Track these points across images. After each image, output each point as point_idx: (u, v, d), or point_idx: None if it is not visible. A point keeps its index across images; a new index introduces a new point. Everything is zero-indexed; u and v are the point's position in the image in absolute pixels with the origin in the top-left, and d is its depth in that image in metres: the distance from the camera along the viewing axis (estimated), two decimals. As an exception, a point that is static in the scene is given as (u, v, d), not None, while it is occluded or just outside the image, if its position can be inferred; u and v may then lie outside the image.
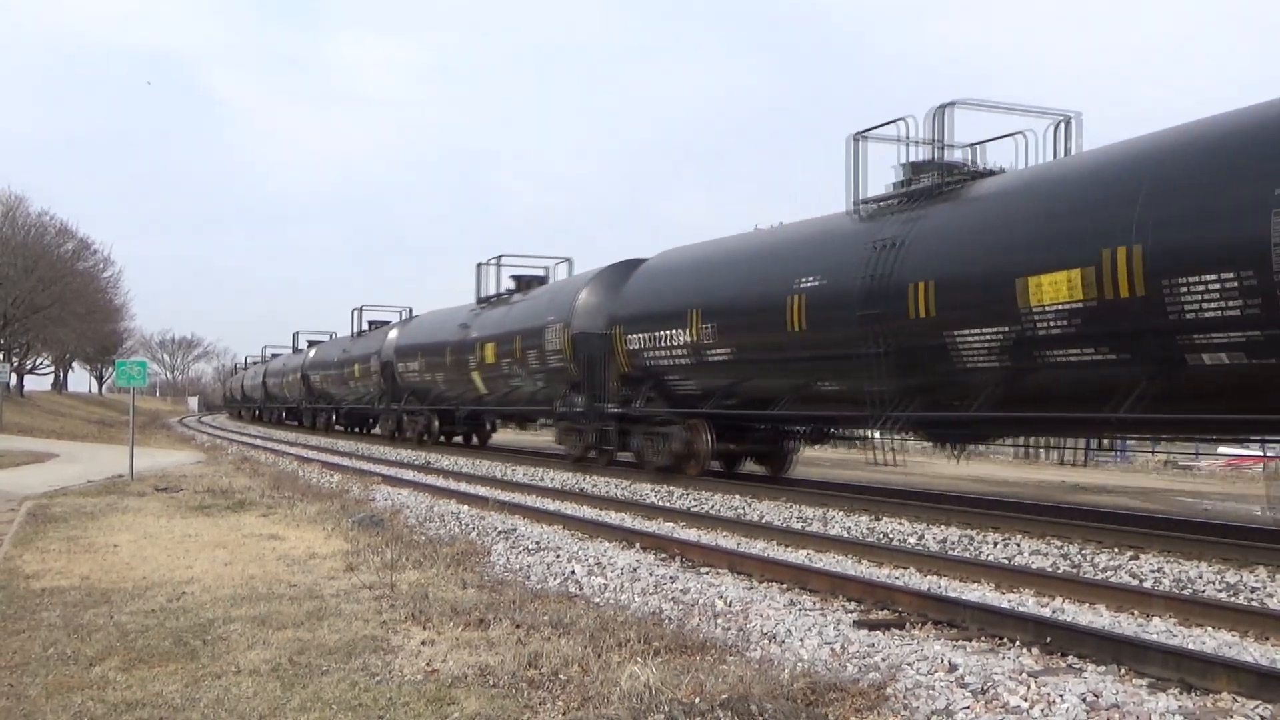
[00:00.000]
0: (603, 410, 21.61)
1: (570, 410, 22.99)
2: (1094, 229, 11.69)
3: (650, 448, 20.37)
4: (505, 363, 26.60)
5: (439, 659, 6.33)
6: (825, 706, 5.37)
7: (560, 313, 23.60)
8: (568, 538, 11.88)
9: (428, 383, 33.55)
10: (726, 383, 18.53)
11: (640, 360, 20.48)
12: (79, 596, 8.45)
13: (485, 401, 29.56)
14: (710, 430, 19.06)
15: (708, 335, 18.33)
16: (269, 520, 13.43)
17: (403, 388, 35.81)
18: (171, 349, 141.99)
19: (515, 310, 27.28)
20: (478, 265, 30.55)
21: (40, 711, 5.49)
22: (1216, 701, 5.45)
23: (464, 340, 29.73)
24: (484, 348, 28.10)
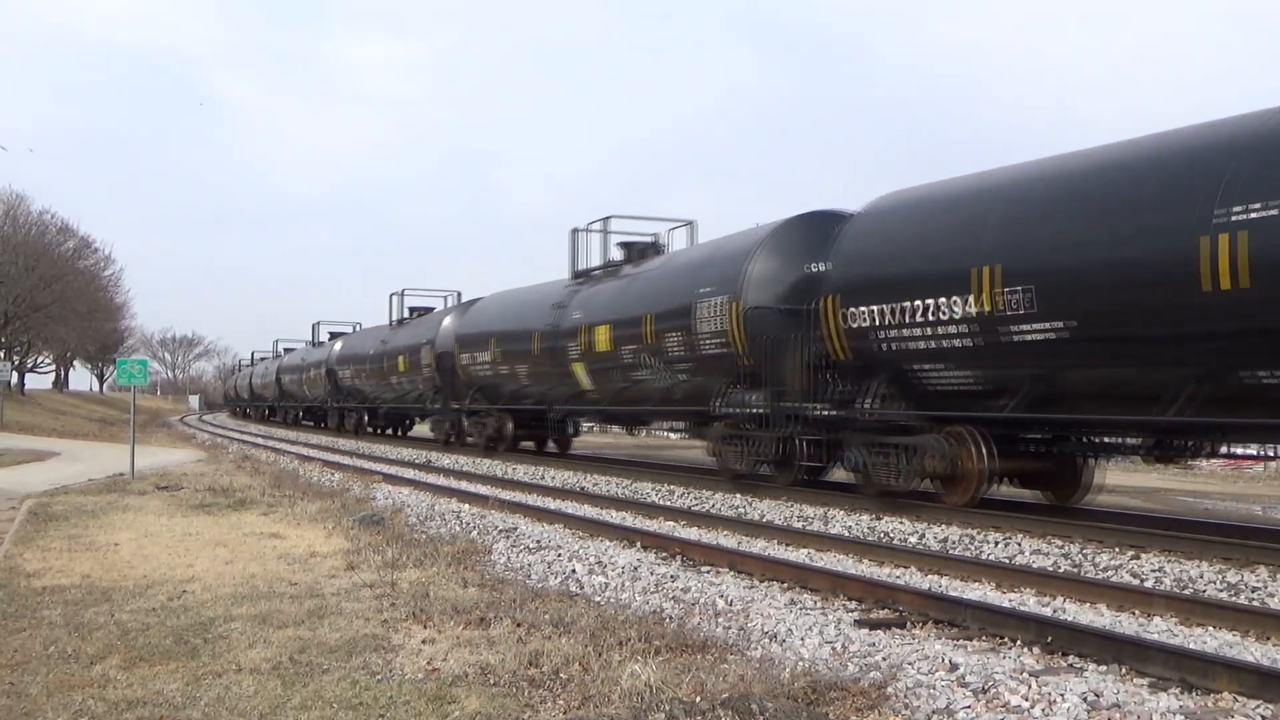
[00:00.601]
0: (799, 411, 16.08)
1: (740, 410, 17.31)
2: None
3: (884, 466, 14.48)
4: (628, 351, 20.76)
5: (440, 658, 6.33)
6: (826, 706, 5.37)
7: (723, 283, 17.93)
8: (568, 536, 11.89)
9: (503, 377, 27.47)
10: (1039, 372, 12.61)
11: (870, 344, 14.53)
12: (80, 595, 8.45)
13: (588, 399, 23.87)
14: (983, 443, 13.38)
15: (1015, 303, 12.39)
16: (270, 519, 13.43)
17: (465, 384, 29.96)
18: (172, 347, 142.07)
19: (640, 283, 21.47)
20: (573, 232, 25.00)
21: (41, 710, 5.49)
22: (1218, 701, 5.44)
23: (559, 325, 23.92)
24: (592, 333, 22.45)
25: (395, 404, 38.70)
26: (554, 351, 24.09)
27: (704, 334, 18.25)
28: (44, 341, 67.56)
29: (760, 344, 16.83)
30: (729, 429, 17.86)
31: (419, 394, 34.93)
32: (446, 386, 31.63)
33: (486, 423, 28.68)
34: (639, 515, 14.34)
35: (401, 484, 19.19)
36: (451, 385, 31.21)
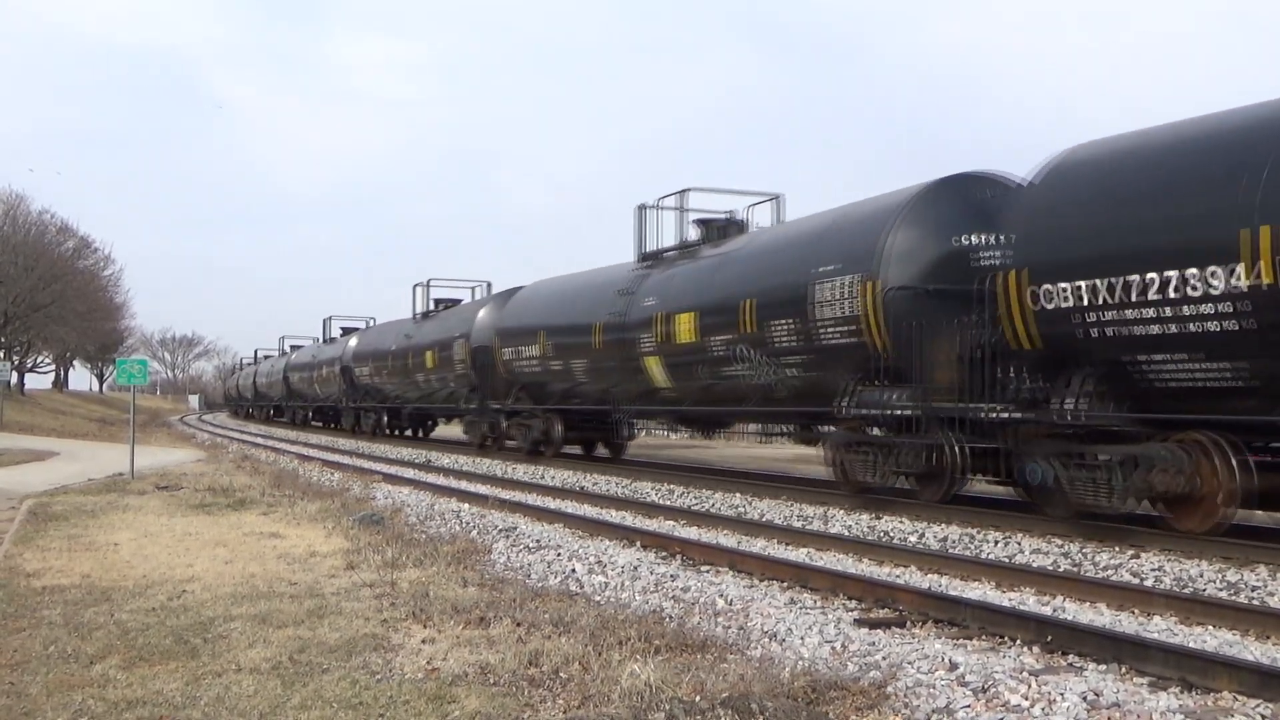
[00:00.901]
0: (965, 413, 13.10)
1: (878, 412, 14.32)
2: None
3: (1087, 482, 11.58)
4: (718, 342, 17.89)
5: (439, 657, 6.33)
6: (826, 705, 5.37)
7: (853, 260, 14.75)
8: (568, 536, 11.89)
9: (554, 374, 24.43)
10: None
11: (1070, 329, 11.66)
12: (80, 595, 8.45)
13: (662, 398, 20.60)
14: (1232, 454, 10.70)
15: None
16: (269, 518, 13.43)
17: (506, 381, 26.84)
18: (172, 347, 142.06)
19: (734, 264, 18.24)
20: (640, 209, 22.00)
21: (41, 709, 5.49)
22: (1217, 700, 5.44)
23: (627, 314, 20.82)
24: (671, 322, 19.31)
25: (421, 404, 35.40)
26: (620, 344, 20.94)
27: (825, 321, 15.15)
28: (44, 341, 67.56)
29: (905, 332, 13.83)
30: (852, 433, 15.01)
31: (450, 392, 31.72)
32: (483, 384, 28.51)
33: (531, 424, 25.45)
34: (639, 514, 14.34)
35: (401, 483, 19.18)
36: (489, 383, 28.07)
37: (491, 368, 27.52)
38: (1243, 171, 10.11)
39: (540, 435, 24.96)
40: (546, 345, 24.23)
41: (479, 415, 28.76)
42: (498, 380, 27.26)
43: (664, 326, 19.45)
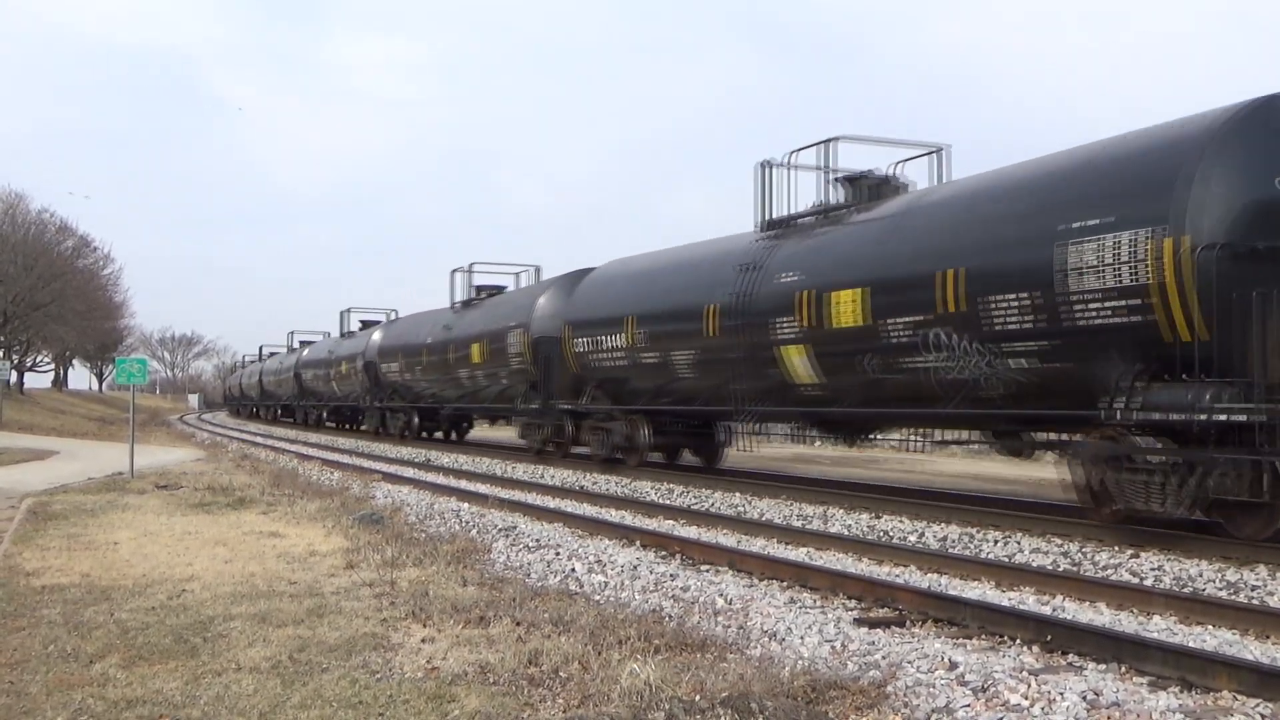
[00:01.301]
0: None
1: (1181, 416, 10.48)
2: None
3: None
4: (898, 326, 13.87)
5: (439, 656, 6.33)
6: (826, 704, 5.37)
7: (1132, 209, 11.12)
8: (568, 535, 11.89)
9: (645, 369, 20.15)
10: None
11: None
12: (79, 594, 8.45)
13: (801, 396, 16.46)
14: None
15: None
16: (269, 518, 13.43)
17: (577, 377, 22.80)
18: (171, 346, 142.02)
19: (920, 223, 14.28)
20: (762, 165, 17.73)
21: (40, 708, 5.49)
22: (1217, 700, 5.45)
23: (753, 293, 16.85)
24: (824, 302, 15.14)
25: (464, 403, 31.23)
26: (743, 330, 16.96)
27: (1087, 294, 11.37)
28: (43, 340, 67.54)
29: (1226, 307, 10.20)
30: (1117, 445, 11.21)
31: (501, 390, 27.62)
32: (547, 381, 24.19)
33: (611, 428, 21.48)
34: (638, 514, 14.34)
35: (401, 483, 19.19)
36: (554, 379, 23.85)
37: (558, 362, 23.38)
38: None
39: (622, 441, 21.05)
40: (636, 335, 20.16)
41: (540, 417, 24.62)
42: (565, 376, 23.27)
43: (813, 309, 15.41)
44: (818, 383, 15.84)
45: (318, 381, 47.95)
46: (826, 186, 17.16)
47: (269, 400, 62.87)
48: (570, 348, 22.69)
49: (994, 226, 12.88)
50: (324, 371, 46.37)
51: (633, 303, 20.61)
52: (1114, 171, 11.72)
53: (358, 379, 40.50)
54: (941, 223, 13.86)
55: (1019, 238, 12.38)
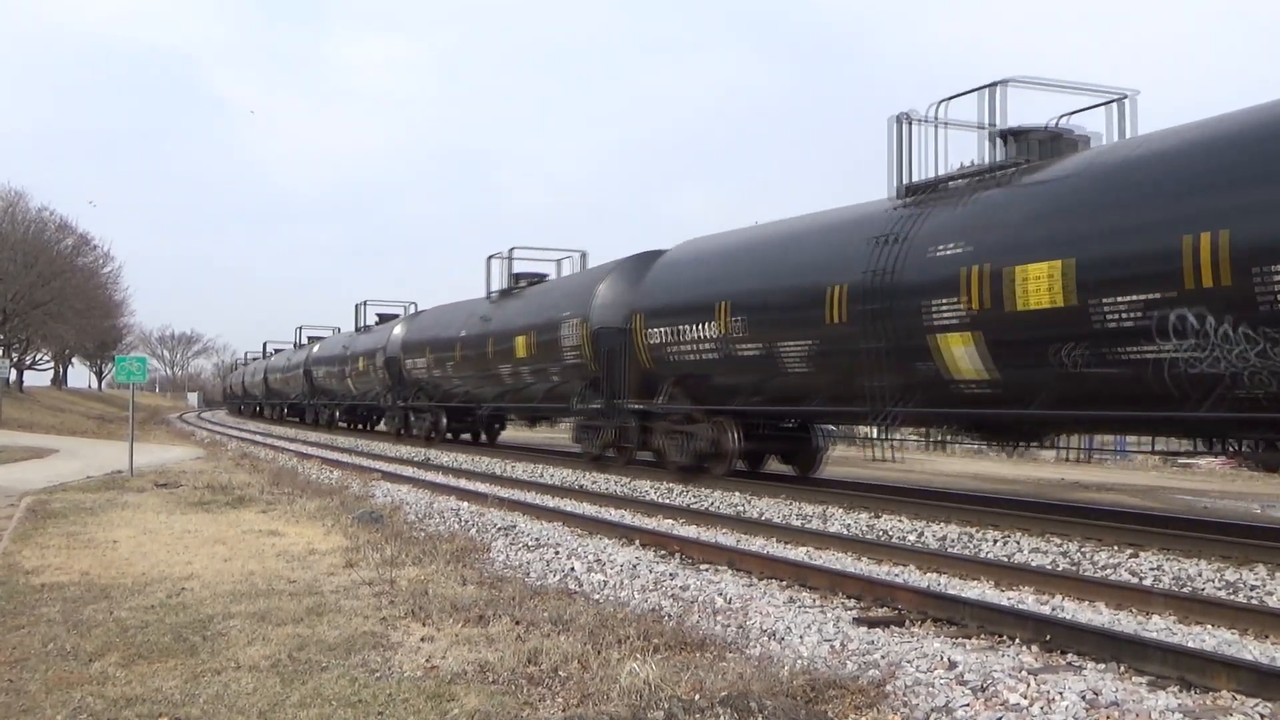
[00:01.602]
0: None
1: None
2: None
3: None
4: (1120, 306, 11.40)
5: (439, 655, 6.33)
6: (825, 704, 5.37)
7: None
8: (567, 534, 11.89)
9: (741, 362, 17.55)
10: None
11: None
12: (79, 592, 8.45)
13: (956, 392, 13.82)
14: None
15: None
16: (268, 516, 13.43)
17: (651, 374, 20.24)
18: (171, 345, 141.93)
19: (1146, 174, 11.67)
20: (897, 119, 14.96)
21: (40, 707, 5.49)
22: (1216, 699, 5.45)
23: (896, 272, 14.14)
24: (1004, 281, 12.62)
25: (506, 402, 28.57)
26: (882, 317, 14.25)
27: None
28: (42, 339, 67.51)
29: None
30: None
31: (551, 388, 25.01)
32: (611, 377, 21.46)
33: (693, 431, 18.89)
34: (638, 513, 14.34)
35: (400, 481, 19.19)
36: (620, 375, 21.06)
37: (624, 356, 20.87)
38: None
39: (707, 446, 18.51)
40: (731, 323, 17.53)
41: (602, 418, 21.85)
42: (633, 372, 20.73)
43: (984, 287, 12.88)
44: (986, 378, 13.27)
45: (330, 379, 45.28)
46: (988, 142, 14.44)
47: (275, 399, 60.03)
48: (643, 339, 20.14)
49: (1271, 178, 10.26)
50: (338, 369, 43.70)
51: (726, 285, 17.95)
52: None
53: (377, 376, 37.95)
54: (1180, 179, 11.25)
55: None
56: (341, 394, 44.35)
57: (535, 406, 26.99)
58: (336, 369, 44.09)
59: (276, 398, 59.56)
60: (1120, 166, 12.18)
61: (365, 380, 39.95)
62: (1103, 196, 11.97)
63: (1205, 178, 10.93)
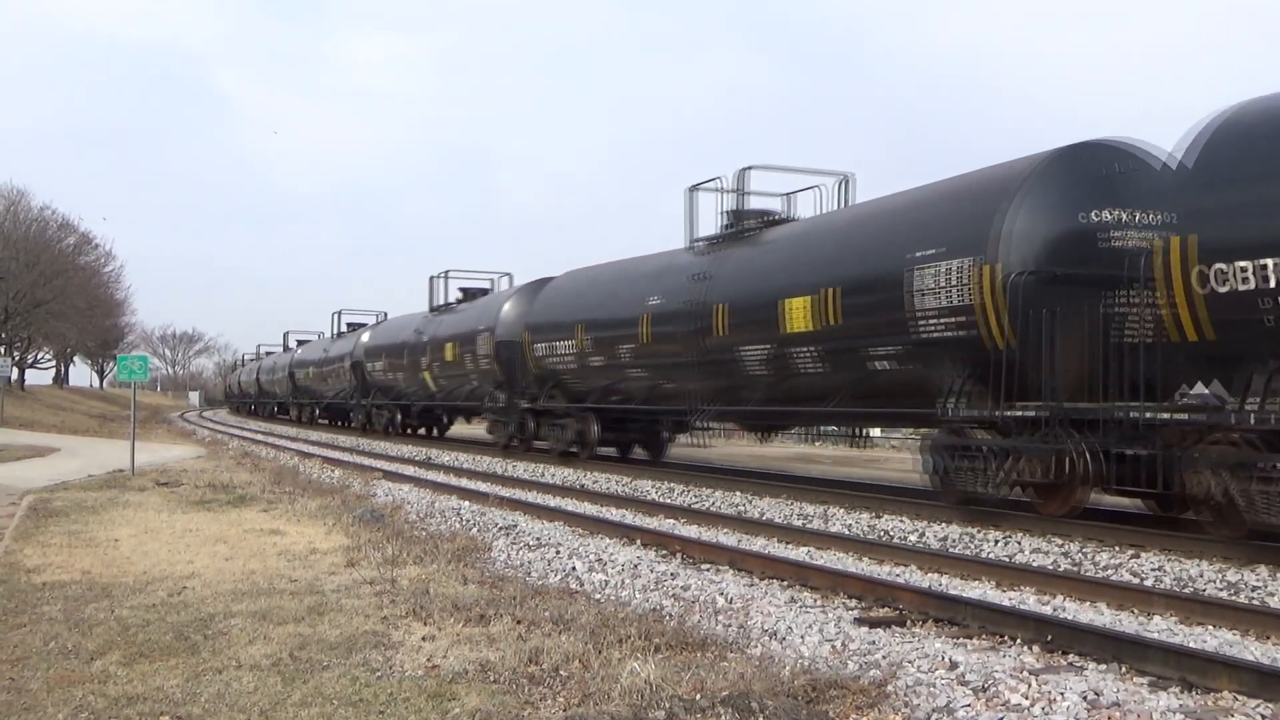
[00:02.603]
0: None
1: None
2: None
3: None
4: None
5: (440, 655, 6.33)
6: (826, 704, 5.37)
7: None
8: (568, 534, 11.89)
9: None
10: None
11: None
12: (80, 591, 8.45)
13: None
14: None
15: None
16: (270, 515, 13.43)
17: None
18: (173, 344, 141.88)
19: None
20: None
21: (41, 705, 5.49)
22: (1217, 700, 5.44)
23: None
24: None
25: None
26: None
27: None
28: (44, 337, 67.54)
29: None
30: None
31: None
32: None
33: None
34: (639, 513, 14.34)
35: (402, 481, 19.19)
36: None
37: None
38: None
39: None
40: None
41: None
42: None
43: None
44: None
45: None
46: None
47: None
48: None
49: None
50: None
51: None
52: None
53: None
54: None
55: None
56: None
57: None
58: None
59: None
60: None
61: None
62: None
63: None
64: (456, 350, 30.09)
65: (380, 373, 37.83)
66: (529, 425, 25.23)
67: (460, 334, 29.98)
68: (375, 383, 38.70)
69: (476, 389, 29.07)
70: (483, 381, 28.39)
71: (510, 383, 26.30)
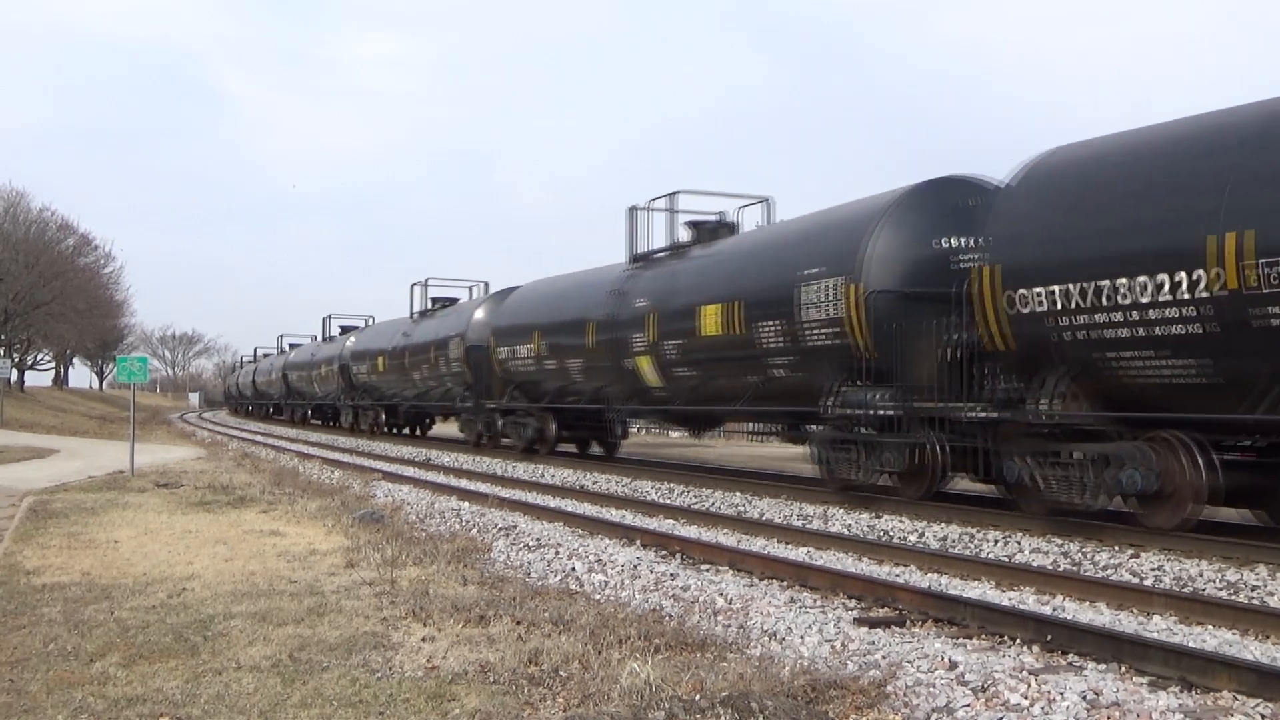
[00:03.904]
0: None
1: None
2: None
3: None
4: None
5: (439, 655, 6.33)
6: (826, 704, 5.37)
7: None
8: (568, 534, 11.89)
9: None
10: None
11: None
12: (80, 592, 8.45)
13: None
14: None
15: None
16: (269, 516, 13.43)
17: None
18: (172, 345, 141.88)
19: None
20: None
21: (41, 707, 5.49)
22: (1217, 700, 5.45)
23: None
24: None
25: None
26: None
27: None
28: (44, 339, 67.55)
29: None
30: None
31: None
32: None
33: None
34: (638, 513, 14.34)
35: (401, 481, 19.19)
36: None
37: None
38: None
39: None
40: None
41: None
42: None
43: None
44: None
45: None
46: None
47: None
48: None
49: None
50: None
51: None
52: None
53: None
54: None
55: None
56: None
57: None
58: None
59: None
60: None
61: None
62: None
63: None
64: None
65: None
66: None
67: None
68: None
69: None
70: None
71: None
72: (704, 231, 20.36)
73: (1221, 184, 10.16)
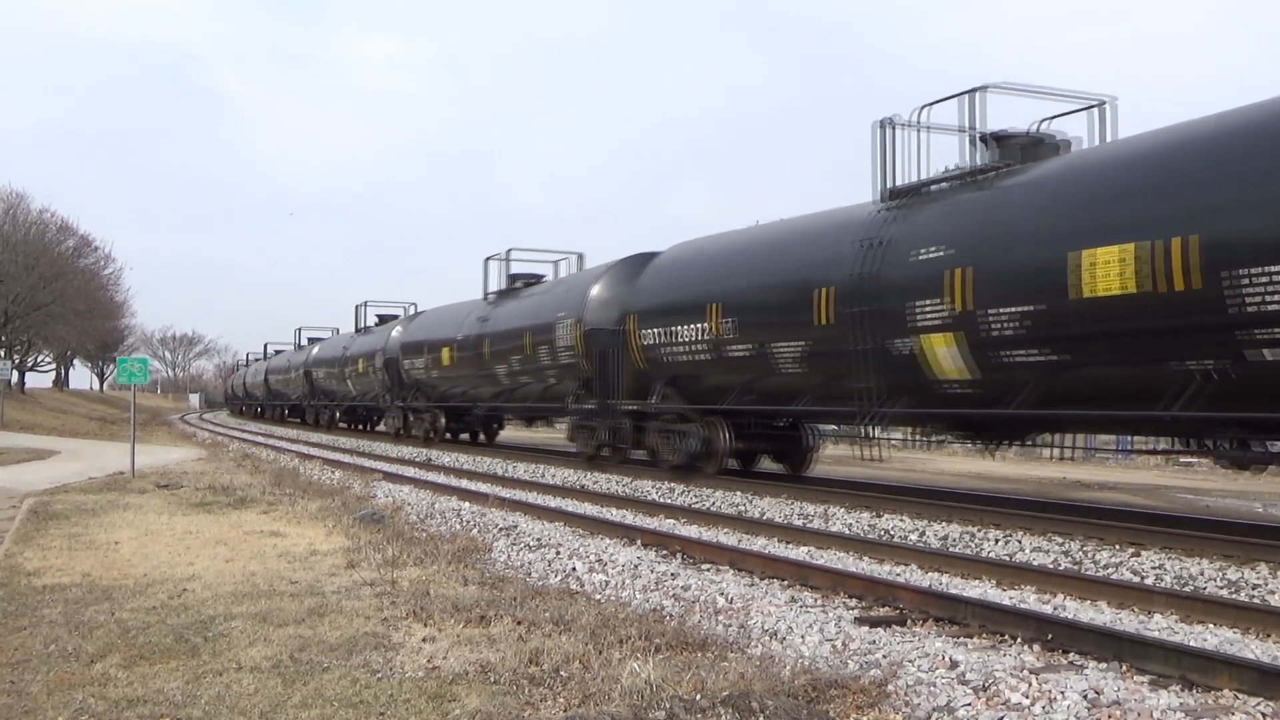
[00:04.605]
0: None
1: None
2: None
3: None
4: None
5: (440, 656, 6.33)
6: (826, 703, 5.37)
7: None
8: (569, 534, 11.88)
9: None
10: None
11: None
12: (80, 593, 8.45)
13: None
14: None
15: None
16: (270, 517, 13.43)
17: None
18: (173, 346, 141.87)
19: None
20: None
21: (41, 708, 5.49)
22: (1218, 699, 5.44)
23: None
24: None
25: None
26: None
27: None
28: (44, 340, 67.60)
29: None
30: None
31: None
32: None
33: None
34: (639, 513, 14.34)
35: (402, 482, 19.19)
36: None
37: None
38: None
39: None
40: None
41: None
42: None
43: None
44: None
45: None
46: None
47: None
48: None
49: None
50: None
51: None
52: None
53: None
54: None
55: None
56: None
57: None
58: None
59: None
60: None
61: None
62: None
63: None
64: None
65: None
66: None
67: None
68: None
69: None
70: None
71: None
72: (1013, 148, 13.85)
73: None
